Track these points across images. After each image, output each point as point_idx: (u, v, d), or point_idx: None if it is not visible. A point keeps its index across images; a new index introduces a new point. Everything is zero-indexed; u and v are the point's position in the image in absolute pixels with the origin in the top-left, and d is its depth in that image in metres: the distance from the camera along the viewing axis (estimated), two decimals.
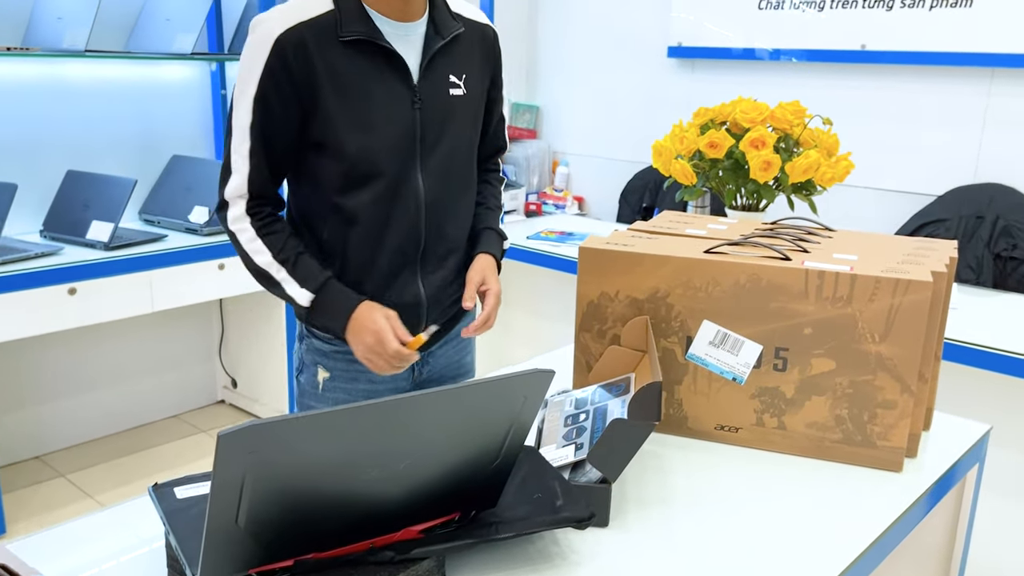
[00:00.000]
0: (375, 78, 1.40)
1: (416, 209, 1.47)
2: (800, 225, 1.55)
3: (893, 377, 1.28)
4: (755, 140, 2.08)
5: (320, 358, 1.56)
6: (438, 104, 1.46)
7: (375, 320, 1.39)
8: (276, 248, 1.41)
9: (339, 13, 1.38)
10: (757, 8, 3.50)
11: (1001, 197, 2.98)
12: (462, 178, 1.54)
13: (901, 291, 1.25)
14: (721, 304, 1.34)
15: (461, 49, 1.50)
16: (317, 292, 1.42)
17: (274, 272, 1.41)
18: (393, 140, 1.42)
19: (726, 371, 1.36)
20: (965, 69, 3.06)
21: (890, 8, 3.15)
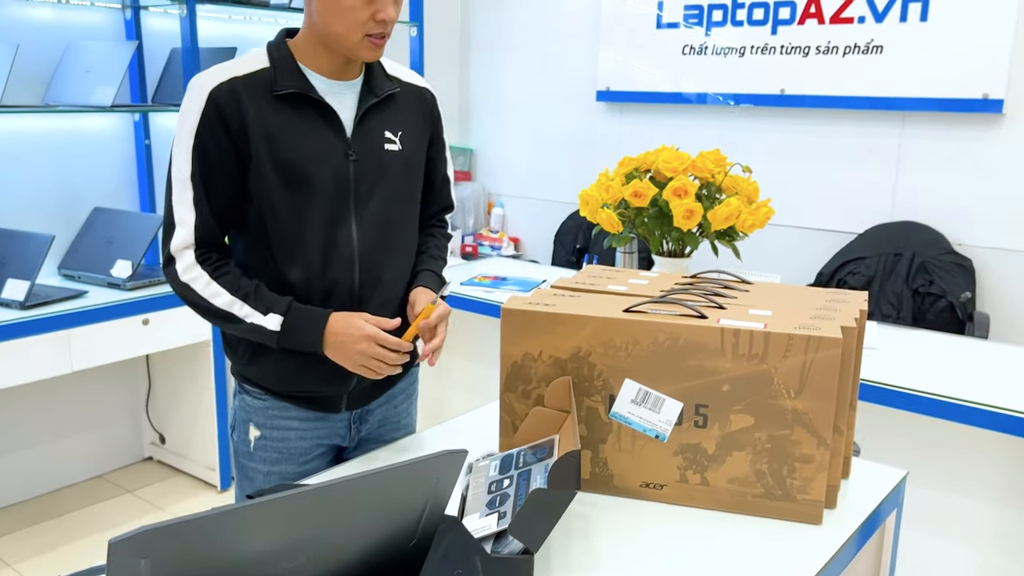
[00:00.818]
0: (308, 130, 1.43)
1: (350, 259, 1.48)
2: (718, 279, 1.58)
3: (809, 432, 1.30)
4: (677, 189, 2.12)
5: (252, 415, 1.55)
6: (373, 157, 1.49)
7: (360, 327, 1.42)
8: (233, 287, 1.43)
9: (274, 70, 1.43)
10: (681, 53, 3.60)
11: (916, 234, 3.09)
12: (398, 229, 1.55)
13: (813, 348, 1.27)
14: (641, 363, 1.35)
15: (397, 108, 1.54)
16: (285, 314, 1.43)
17: (236, 310, 1.43)
18: (327, 191, 1.45)
19: (648, 429, 1.36)
20: (878, 113, 3.18)
21: (806, 55, 3.27)
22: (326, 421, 1.58)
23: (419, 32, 3.72)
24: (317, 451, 1.59)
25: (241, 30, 3.45)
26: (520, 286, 2.95)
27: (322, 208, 1.45)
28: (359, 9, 1.38)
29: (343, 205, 1.47)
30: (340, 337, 1.42)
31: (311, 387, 1.53)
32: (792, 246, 3.42)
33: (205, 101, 1.39)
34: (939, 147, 3.09)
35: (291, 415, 1.55)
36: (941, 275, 2.95)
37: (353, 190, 1.47)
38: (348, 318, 1.43)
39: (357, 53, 1.43)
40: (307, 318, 1.44)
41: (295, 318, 1.43)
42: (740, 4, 3.40)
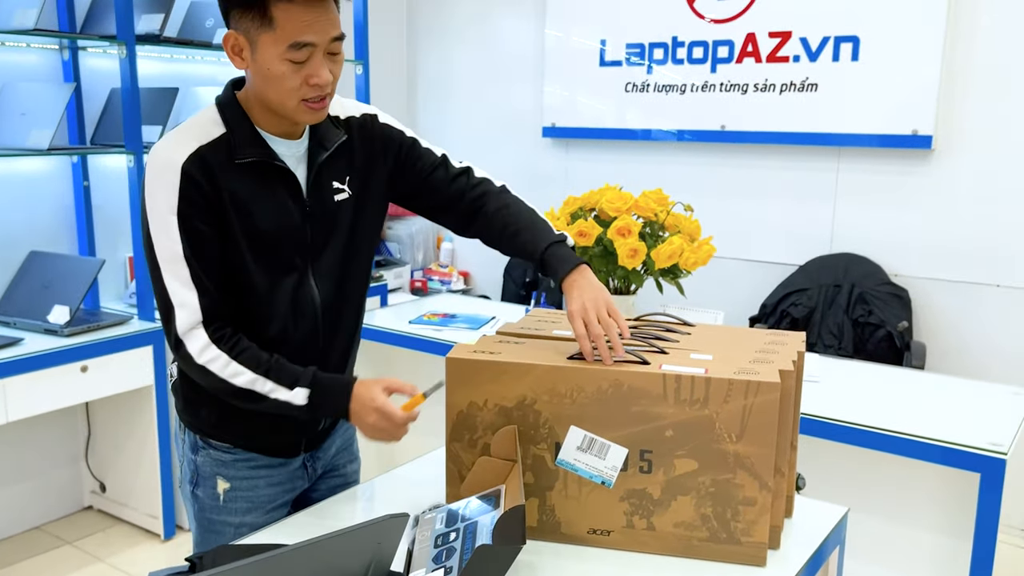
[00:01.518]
0: (270, 196, 1.42)
1: (313, 312, 1.49)
2: (659, 322, 1.60)
3: (751, 475, 1.32)
4: (621, 228, 2.15)
5: (220, 469, 1.54)
6: (325, 212, 1.48)
7: (372, 399, 1.41)
8: (253, 364, 1.41)
9: (232, 136, 1.40)
10: (624, 90, 3.66)
11: (855, 266, 3.17)
12: (351, 273, 1.56)
13: (752, 392, 1.29)
14: (586, 410, 1.35)
15: (345, 152, 1.51)
16: (311, 387, 1.42)
17: (259, 388, 1.40)
18: (288, 253, 1.45)
19: (595, 475, 1.37)
20: (815, 148, 3.27)
21: (745, 92, 3.35)
22: (287, 468, 1.59)
23: (364, 70, 3.73)
24: (281, 498, 1.59)
25: (183, 69, 3.42)
26: (469, 323, 2.95)
27: (286, 268, 1.46)
28: (288, 77, 1.34)
29: (303, 261, 1.47)
30: (357, 408, 1.42)
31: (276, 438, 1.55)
32: (736, 278, 3.48)
33: (180, 176, 1.35)
34: (874, 181, 3.19)
35: (260, 463, 1.56)
36: (879, 305, 3.03)
37: (310, 246, 1.48)
38: (368, 388, 1.42)
39: (296, 118, 1.40)
40: (332, 391, 1.44)
41: (321, 392, 1.43)
42: (680, 43, 3.48)
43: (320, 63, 1.35)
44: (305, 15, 1.31)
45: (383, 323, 2.90)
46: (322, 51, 1.35)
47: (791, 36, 3.21)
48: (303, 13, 1.31)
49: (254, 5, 1.31)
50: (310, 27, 1.32)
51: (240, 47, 1.36)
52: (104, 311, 3.07)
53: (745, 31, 3.31)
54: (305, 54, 1.33)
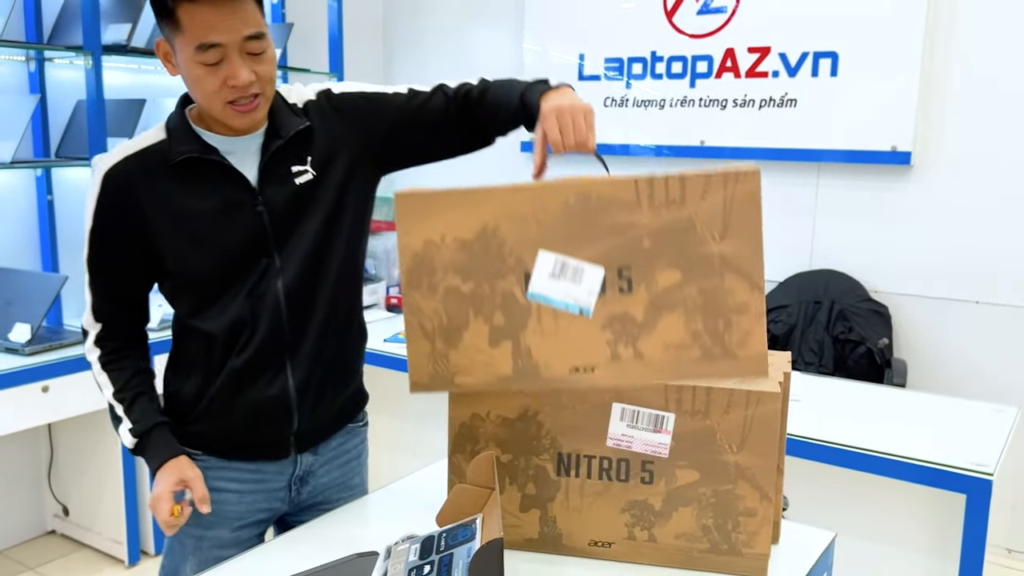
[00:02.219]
0: (209, 194, 1.38)
1: (276, 309, 1.43)
2: None
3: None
4: None
5: None
6: (284, 197, 1.42)
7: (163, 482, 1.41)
8: (118, 384, 1.45)
9: (169, 140, 1.39)
10: (603, 105, 3.65)
11: (835, 283, 3.17)
12: (328, 262, 1.46)
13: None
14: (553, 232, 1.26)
15: (306, 137, 1.45)
16: (139, 437, 1.44)
17: (115, 408, 1.44)
18: (238, 248, 1.40)
19: (571, 304, 1.26)
20: (795, 164, 3.27)
21: (724, 107, 3.35)
22: (264, 486, 1.51)
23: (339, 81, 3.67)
24: (253, 517, 1.52)
25: (150, 80, 3.34)
26: None
27: (239, 263, 1.41)
28: (204, 79, 1.31)
29: (262, 252, 1.42)
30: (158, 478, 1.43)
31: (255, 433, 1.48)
32: None
33: (100, 187, 1.38)
34: (853, 197, 3.19)
35: (230, 476, 1.49)
36: (859, 322, 3.02)
37: (272, 235, 1.41)
38: (177, 469, 1.42)
39: (227, 123, 1.37)
40: (152, 450, 1.44)
41: (145, 445, 1.45)
42: (659, 58, 3.48)
43: (237, 63, 1.30)
44: (209, 15, 1.27)
45: None
46: (236, 51, 1.30)
47: (770, 51, 3.22)
48: (207, 13, 1.27)
49: (162, 10, 1.30)
50: (214, 27, 1.28)
51: (166, 52, 1.35)
52: (67, 329, 2.97)
53: (724, 46, 3.31)
54: (216, 55, 1.29)
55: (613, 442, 1.33)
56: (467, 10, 4.08)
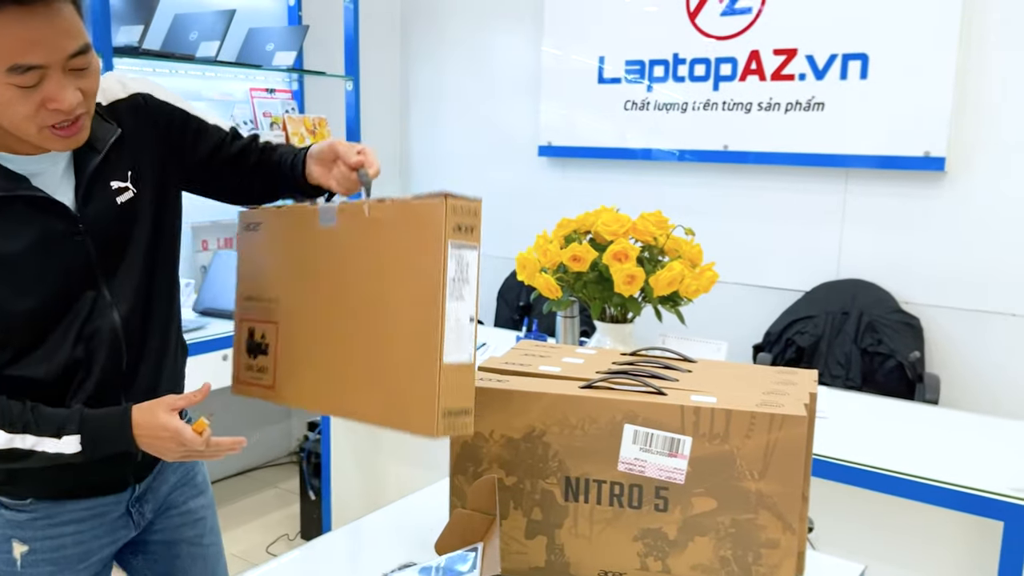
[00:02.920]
0: (24, 231, 1.19)
1: (114, 339, 1.29)
2: (657, 357, 1.49)
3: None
4: (618, 253, 2.04)
5: (13, 531, 1.33)
6: (108, 221, 1.27)
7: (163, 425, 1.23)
8: (4, 422, 1.20)
9: None
10: (623, 109, 3.56)
11: (863, 293, 3.06)
12: (155, 284, 1.36)
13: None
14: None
15: (119, 145, 1.29)
16: (80, 431, 1.22)
17: (17, 444, 1.20)
18: (65, 285, 1.24)
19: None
20: (822, 169, 3.17)
21: (748, 111, 3.26)
22: (103, 519, 1.38)
23: (355, 86, 3.62)
24: (99, 552, 1.39)
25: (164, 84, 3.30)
26: None
27: (69, 300, 1.24)
28: (16, 102, 1.09)
29: (91, 284, 1.26)
30: (148, 438, 1.23)
31: (90, 475, 1.33)
32: (738, 305, 3.36)
33: None
34: (883, 204, 3.08)
35: (64, 519, 1.35)
36: (889, 334, 2.91)
37: (98, 264, 1.27)
38: (151, 413, 1.23)
39: (45, 146, 1.17)
40: (107, 427, 1.23)
41: (95, 432, 1.23)
42: (681, 60, 3.38)
43: (59, 84, 1.10)
44: (24, 31, 1.04)
45: None
46: (59, 70, 1.10)
47: (797, 53, 3.12)
48: (21, 29, 1.04)
49: None
50: (34, 44, 1.06)
51: None
52: None
53: (749, 48, 3.21)
54: (33, 77, 1.08)
55: (625, 466, 1.27)
56: (485, 12, 4.01)
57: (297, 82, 3.81)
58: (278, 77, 3.72)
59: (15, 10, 1.03)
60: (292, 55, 3.35)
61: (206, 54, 3.08)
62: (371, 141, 4.05)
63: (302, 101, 3.82)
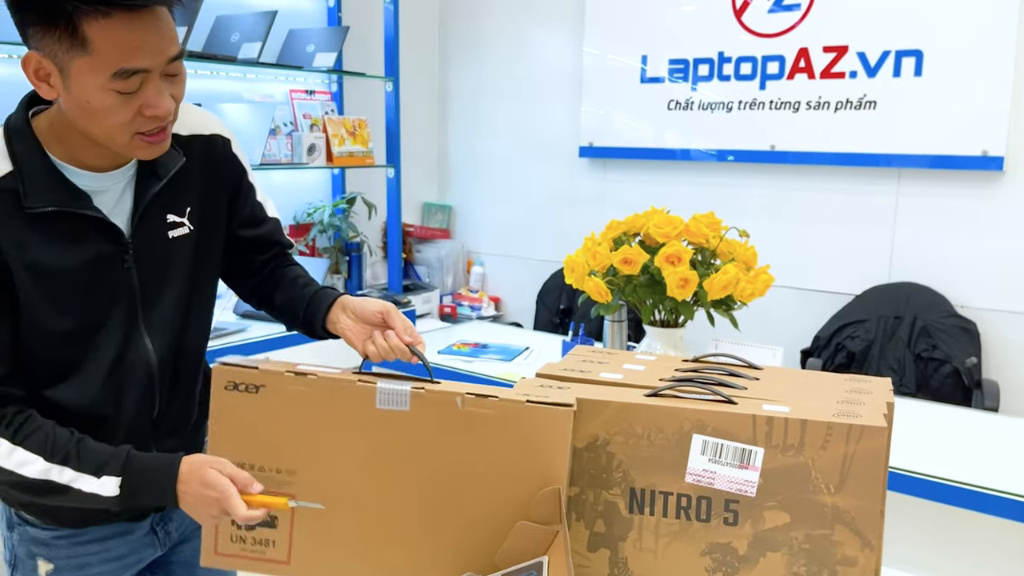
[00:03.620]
0: (74, 249, 1.16)
1: (148, 375, 1.27)
2: (722, 364, 1.44)
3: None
4: (670, 256, 1.99)
5: (38, 548, 1.30)
6: (156, 253, 1.25)
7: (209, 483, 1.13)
8: (45, 448, 1.14)
9: (21, 178, 1.12)
10: (666, 108, 3.51)
11: (917, 296, 2.97)
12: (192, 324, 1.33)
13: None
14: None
15: (185, 177, 1.27)
16: (122, 473, 1.15)
17: (55, 477, 1.14)
18: (107, 311, 1.21)
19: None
20: (873, 169, 3.09)
21: (796, 110, 3.19)
22: (126, 536, 1.35)
23: (395, 87, 3.61)
24: (124, 573, 1.36)
25: (208, 85, 3.31)
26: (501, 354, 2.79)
27: (107, 327, 1.22)
28: (116, 110, 1.08)
29: (131, 315, 1.24)
30: (192, 496, 1.14)
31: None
32: (786, 308, 3.29)
33: None
34: (937, 205, 3.00)
35: (89, 537, 1.32)
36: (944, 339, 2.83)
37: (140, 297, 1.24)
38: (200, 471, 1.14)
39: (131, 155, 1.17)
40: (152, 476, 1.16)
41: (136, 477, 1.15)
42: (727, 59, 3.32)
43: (157, 91, 1.10)
44: (130, 35, 1.05)
45: None
46: (157, 75, 1.10)
47: (847, 51, 3.04)
48: (127, 33, 1.04)
49: (58, 21, 1.03)
50: (139, 50, 1.06)
51: (47, 72, 1.08)
52: None
53: (797, 46, 3.15)
54: (135, 82, 1.08)
55: (693, 478, 1.22)
56: (525, 11, 3.98)
57: (336, 83, 3.80)
58: (318, 78, 3.71)
59: (124, 16, 1.04)
60: (332, 56, 3.34)
61: (248, 55, 3.08)
62: (410, 142, 4.04)
63: (341, 102, 3.81)
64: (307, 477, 1.23)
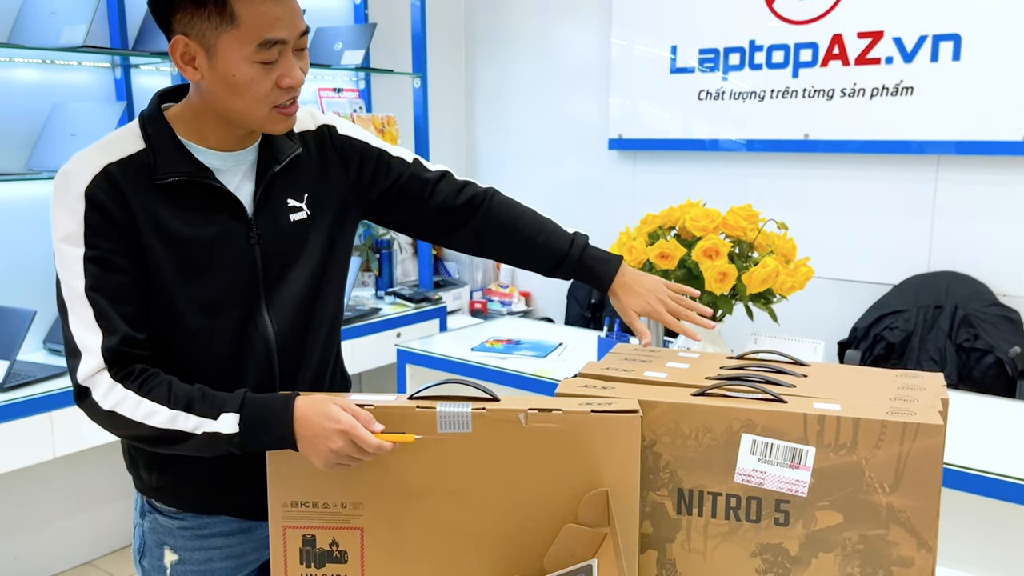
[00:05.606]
0: (202, 221, 1.24)
1: (267, 353, 1.30)
2: (769, 361, 1.41)
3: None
4: (708, 250, 1.96)
5: (166, 537, 1.35)
6: (279, 234, 1.30)
7: (335, 418, 1.13)
8: (169, 398, 1.18)
9: (152, 153, 1.22)
10: (697, 99, 3.47)
11: (957, 285, 2.92)
12: (317, 306, 1.36)
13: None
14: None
15: (301, 167, 1.34)
16: (240, 410, 1.17)
17: (180, 424, 1.16)
18: (230, 284, 1.26)
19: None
20: (910, 157, 3.04)
21: (830, 98, 3.14)
22: (250, 534, 1.37)
23: (423, 83, 3.59)
24: (243, 570, 1.39)
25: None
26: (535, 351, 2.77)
27: (230, 301, 1.26)
28: (258, 80, 1.18)
29: (253, 293, 1.28)
30: (312, 430, 1.14)
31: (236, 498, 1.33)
32: (823, 299, 3.24)
33: (84, 203, 1.17)
34: (977, 192, 2.94)
35: (215, 531, 1.35)
36: (987, 329, 2.77)
37: (262, 275, 1.29)
38: (321, 404, 1.15)
39: (267, 129, 1.24)
40: (270, 409, 1.17)
41: (254, 412, 1.17)
42: (758, 47, 3.27)
43: (292, 62, 1.20)
44: (274, 7, 1.16)
45: (443, 350, 2.73)
46: (291, 48, 1.20)
47: (883, 36, 2.99)
48: (272, 5, 1.16)
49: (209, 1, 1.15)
50: (280, 20, 1.16)
51: (192, 55, 1.18)
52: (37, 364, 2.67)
53: (831, 32, 3.09)
54: (275, 53, 1.18)
55: (742, 478, 1.20)
56: (551, 3, 3.96)
57: (364, 81, 3.80)
58: (345, 76, 3.71)
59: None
60: (360, 54, 3.33)
61: None
62: (438, 138, 4.03)
63: (369, 100, 3.81)
64: (374, 509, 1.22)
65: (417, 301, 3.57)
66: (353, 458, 1.14)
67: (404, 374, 2.75)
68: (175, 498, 1.34)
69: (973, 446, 1.93)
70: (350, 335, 3.20)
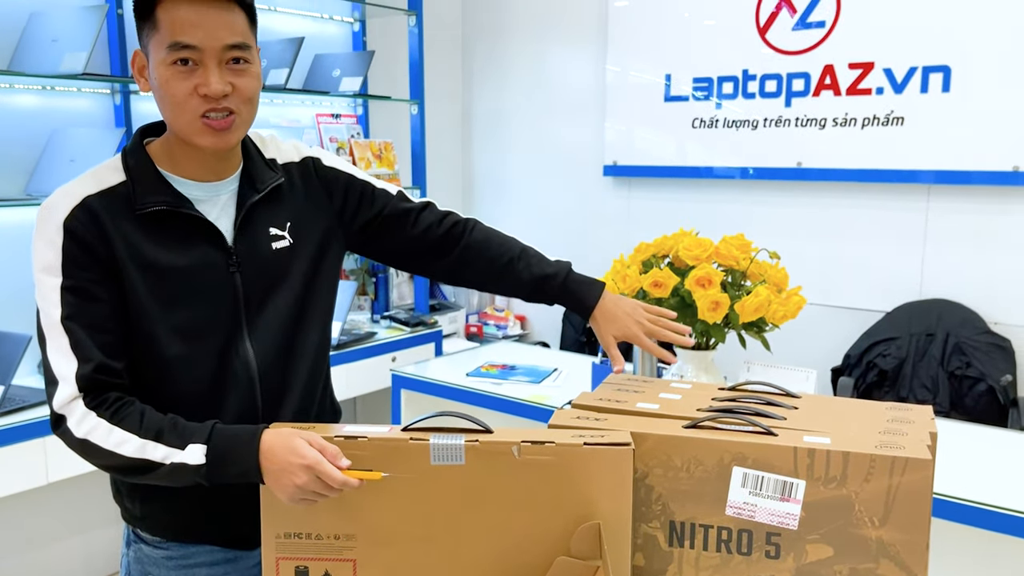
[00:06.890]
0: (182, 249, 1.25)
1: (248, 381, 1.30)
2: (759, 392, 1.42)
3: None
4: (701, 279, 1.98)
5: (150, 567, 1.34)
6: (260, 262, 1.31)
7: (301, 453, 1.13)
8: (140, 427, 1.18)
9: (132, 184, 1.24)
10: (691, 126, 3.50)
11: (949, 313, 2.94)
12: (300, 334, 1.36)
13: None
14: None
15: (284, 197, 1.35)
16: (208, 441, 1.17)
17: (149, 454, 1.16)
18: (211, 312, 1.27)
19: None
20: (902, 186, 3.07)
21: (823, 127, 3.17)
22: (236, 564, 1.36)
23: (420, 110, 3.63)
24: None
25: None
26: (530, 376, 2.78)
27: (210, 329, 1.27)
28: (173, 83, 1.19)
29: (234, 321, 1.29)
30: (277, 464, 1.14)
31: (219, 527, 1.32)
32: (815, 326, 3.26)
33: (63, 234, 1.19)
34: (968, 221, 2.97)
35: (199, 561, 1.34)
36: (979, 357, 2.79)
37: (244, 303, 1.29)
38: (287, 439, 1.15)
39: (195, 140, 1.23)
40: (238, 440, 1.17)
41: (221, 443, 1.16)
42: (751, 76, 3.31)
43: (210, 71, 1.19)
44: (189, 14, 1.18)
45: (438, 375, 2.74)
46: (214, 59, 1.19)
47: (873, 67, 3.03)
48: (187, 12, 1.18)
49: (143, 9, 1.21)
50: (193, 26, 1.18)
51: (142, 64, 1.25)
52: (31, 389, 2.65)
53: (822, 63, 3.14)
54: (189, 55, 1.19)
55: (733, 510, 1.20)
56: (548, 30, 4.00)
57: (362, 107, 3.83)
58: (343, 102, 3.74)
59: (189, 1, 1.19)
60: (358, 80, 3.36)
61: (276, 81, 3.11)
62: (435, 164, 4.05)
63: (367, 125, 3.84)
64: (367, 541, 1.22)
65: (413, 325, 3.58)
66: (318, 493, 1.14)
67: (399, 399, 2.75)
68: (158, 527, 1.33)
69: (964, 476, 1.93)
70: (346, 359, 3.20)
